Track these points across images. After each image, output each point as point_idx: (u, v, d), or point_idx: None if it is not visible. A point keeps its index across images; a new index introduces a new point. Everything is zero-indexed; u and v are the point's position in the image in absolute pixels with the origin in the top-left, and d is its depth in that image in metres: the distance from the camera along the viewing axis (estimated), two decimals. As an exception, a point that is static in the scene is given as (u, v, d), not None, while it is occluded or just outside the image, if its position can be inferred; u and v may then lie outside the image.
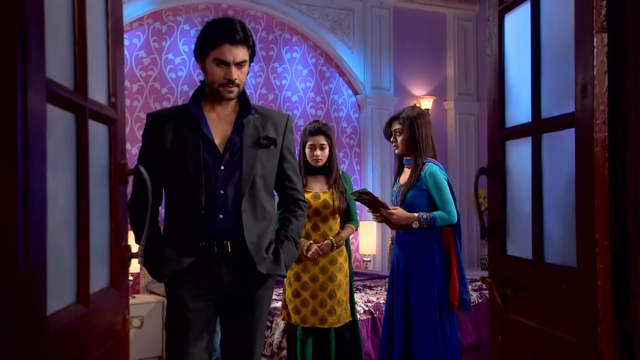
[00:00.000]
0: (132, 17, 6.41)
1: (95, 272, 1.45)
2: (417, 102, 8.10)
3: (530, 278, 2.01)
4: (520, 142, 2.05)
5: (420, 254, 3.92)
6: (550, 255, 1.91)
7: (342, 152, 7.65)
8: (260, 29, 7.23)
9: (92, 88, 1.41)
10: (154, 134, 2.73)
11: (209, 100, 2.77)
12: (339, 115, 7.68)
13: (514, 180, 2.12)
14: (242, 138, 2.74)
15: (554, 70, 1.90)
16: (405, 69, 8.07)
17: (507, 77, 2.17)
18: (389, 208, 3.95)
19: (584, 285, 1.69)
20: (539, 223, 1.93)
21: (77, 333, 1.27)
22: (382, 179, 7.71)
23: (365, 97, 7.66)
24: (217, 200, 2.68)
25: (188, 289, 2.71)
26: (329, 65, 7.62)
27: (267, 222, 2.79)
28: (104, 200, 1.51)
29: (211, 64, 2.70)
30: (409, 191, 3.97)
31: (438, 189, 3.91)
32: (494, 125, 2.19)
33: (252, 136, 2.76)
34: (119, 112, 1.57)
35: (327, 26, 7.46)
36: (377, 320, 4.89)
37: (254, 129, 2.78)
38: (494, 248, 2.22)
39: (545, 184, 1.92)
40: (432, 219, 3.87)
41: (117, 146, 1.56)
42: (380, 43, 7.80)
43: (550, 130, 1.88)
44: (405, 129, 4.06)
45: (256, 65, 7.18)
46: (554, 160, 1.89)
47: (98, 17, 1.50)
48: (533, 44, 1.97)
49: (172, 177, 2.72)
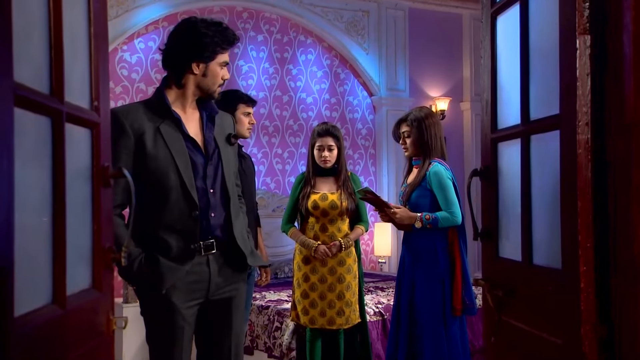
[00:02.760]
0: (148, 20, 6.48)
1: (76, 273, 1.47)
2: (432, 104, 8.09)
3: (520, 280, 2.00)
4: (511, 144, 2.04)
5: (424, 255, 3.89)
6: (539, 257, 1.90)
7: (357, 153, 7.65)
8: (274, 31, 7.26)
9: (72, 92, 1.44)
10: (130, 133, 2.59)
11: (179, 100, 2.73)
12: (354, 116, 7.69)
13: (506, 183, 2.12)
14: (214, 137, 2.77)
15: (542, 72, 1.89)
16: (420, 70, 8.06)
17: (499, 79, 2.17)
18: (391, 207, 3.93)
19: (568, 287, 1.68)
20: (528, 225, 1.93)
21: (52, 334, 1.30)
22: (397, 180, 7.69)
23: (380, 99, 7.66)
24: (209, 200, 2.69)
25: (182, 295, 2.64)
26: (343, 66, 7.63)
27: (243, 217, 2.87)
28: (85, 203, 1.54)
29: (216, 66, 2.70)
30: (414, 191, 3.94)
31: (442, 188, 3.86)
32: (487, 128, 2.19)
33: (221, 134, 2.80)
34: (102, 115, 1.60)
35: (341, 28, 7.48)
36: (387, 321, 4.88)
37: (219, 127, 2.81)
38: (487, 250, 2.21)
39: (534, 186, 1.92)
40: (435, 219, 3.83)
41: (100, 149, 1.58)
42: (395, 44, 7.79)
43: (538, 132, 1.88)
44: (414, 130, 4.01)
45: (271, 68, 7.21)
46: (542, 162, 1.88)
47: (79, 22, 1.52)
48: (522, 45, 1.96)
49: (155, 181, 2.61)
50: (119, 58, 6.48)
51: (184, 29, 2.71)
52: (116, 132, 2.52)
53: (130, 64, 6.52)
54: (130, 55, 6.53)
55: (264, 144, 7.19)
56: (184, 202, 2.62)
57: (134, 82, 6.50)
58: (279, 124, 7.27)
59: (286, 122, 7.28)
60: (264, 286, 5.30)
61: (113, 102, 6.36)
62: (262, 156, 7.17)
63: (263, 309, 5.19)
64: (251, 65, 7.12)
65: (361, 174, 7.67)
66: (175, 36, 2.72)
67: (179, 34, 2.72)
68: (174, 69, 2.72)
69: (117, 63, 6.47)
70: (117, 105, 6.28)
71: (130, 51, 6.54)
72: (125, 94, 6.47)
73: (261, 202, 6.83)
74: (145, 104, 2.72)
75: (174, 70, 2.72)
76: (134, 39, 6.54)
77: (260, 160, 7.15)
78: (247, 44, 7.10)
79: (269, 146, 7.21)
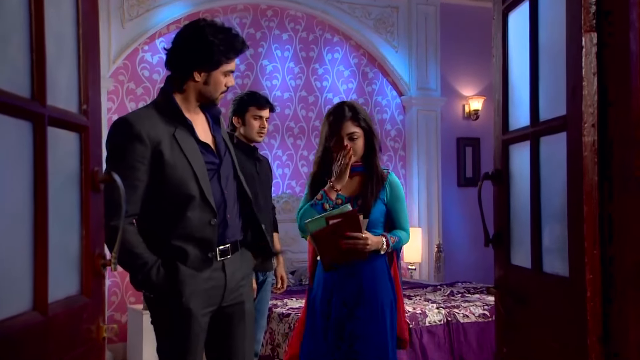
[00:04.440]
0: (169, 19, 6.54)
1: (62, 279, 1.50)
2: (465, 103, 8.05)
3: (531, 289, 1.99)
4: (522, 146, 2.03)
5: (376, 287, 3.31)
6: (549, 264, 1.89)
7: (386, 155, 7.64)
8: (300, 29, 7.28)
9: (57, 96, 1.47)
10: (147, 142, 2.59)
11: (184, 104, 2.75)
12: (383, 117, 7.68)
13: (517, 187, 2.11)
14: (223, 137, 2.86)
15: (551, 71, 1.88)
16: (453, 68, 8.01)
17: (510, 78, 2.16)
18: (361, 231, 3.22)
19: (575, 296, 1.67)
20: (538, 231, 1.91)
21: (32, 340, 1.33)
22: (428, 183, 7.67)
23: (411, 98, 7.64)
24: (225, 201, 2.74)
25: (200, 302, 2.66)
26: (372, 65, 7.63)
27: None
28: (73, 208, 1.57)
29: (219, 75, 2.72)
30: (373, 205, 3.34)
31: (402, 202, 3.43)
32: (498, 129, 2.18)
33: (225, 134, 2.90)
34: (91, 119, 1.63)
35: (369, 25, 7.47)
36: (413, 331, 4.87)
37: (223, 127, 2.93)
38: (498, 257, 2.21)
39: (544, 190, 1.91)
40: (398, 241, 3.34)
41: (90, 153, 1.61)
42: (426, 41, 7.76)
43: (546, 134, 1.87)
44: (366, 131, 3.38)
45: (296, 67, 7.24)
46: (551, 165, 1.87)
47: (66, 23, 1.56)
48: (531, 42, 1.95)
49: (174, 190, 2.64)
50: (140, 58, 6.57)
51: (189, 34, 2.73)
52: (131, 141, 2.57)
53: (151, 65, 6.61)
54: (152, 56, 6.62)
55: (289, 146, 7.22)
56: (202, 211, 2.65)
57: (155, 83, 6.58)
58: (304, 126, 7.29)
59: (312, 123, 7.30)
60: (286, 293, 5.33)
61: (134, 104, 6.46)
62: (287, 158, 7.21)
63: (284, 317, 5.21)
64: (276, 64, 7.16)
65: (390, 177, 7.65)
66: (179, 40, 2.74)
67: (183, 39, 2.73)
68: (176, 73, 2.75)
69: (138, 63, 6.56)
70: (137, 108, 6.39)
71: (152, 51, 6.62)
72: (147, 95, 6.54)
73: (285, 206, 6.87)
74: (157, 108, 2.71)
75: (176, 75, 2.75)
76: (156, 39, 6.62)
77: (285, 163, 7.19)
78: (271, 42, 7.14)
79: (294, 148, 7.24)
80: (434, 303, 5.44)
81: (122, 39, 6.33)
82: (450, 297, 5.82)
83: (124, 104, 6.46)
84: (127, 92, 6.51)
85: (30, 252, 1.35)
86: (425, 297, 5.78)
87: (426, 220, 7.64)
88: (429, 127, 7.73)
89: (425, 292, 6.13)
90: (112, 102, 6.41)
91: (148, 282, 2.61)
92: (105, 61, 6.22)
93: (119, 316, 6.33)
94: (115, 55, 6.31)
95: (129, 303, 6.28)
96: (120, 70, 6.45)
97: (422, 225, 7.60)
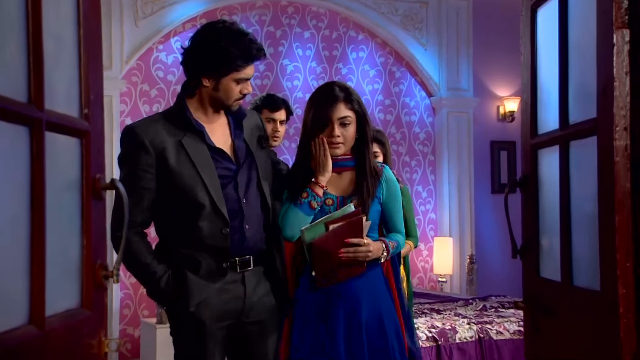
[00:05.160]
0: (184, 17, 6.59)
1: (61, 292, 1.53)
2: (500, 104, 8.00)
3: (561, 303, 1.98)
4: (551, 150, 2.03)
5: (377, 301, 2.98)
6: (579, 277, 1.88)
7: (414, 160, 7.62)
8: (322, 27, 7.30)
9: (56, 100, 1.50)
10: (151, 150, 2.67)
11: (200, 109, 2.79)
12: (411, 119, 7.67)
13: (546, 194, 2.10)
14: (246, 141, 2.85)
15: (581, 70, 1.87)
16: (486, 67, 7.98)
17: (540, 77, 2.15)
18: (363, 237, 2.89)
19: (607, 311, 1.66)
20: (567, 241, 1.91)
21: (26, 357, 1.35)
22: (459, 190, 7.63)
23: (441, 99, 7.62)
24: (242, 210, 2.76)
25: (214, 314, 2.70)
26: (399, 64, 7.62)
27: None
28: (73, 216, 1.59)
29: (230, 82, 2.73)
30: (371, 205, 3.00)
31: (399, 201, 3.11)
32: (526, 132, 2.17)
33: (252, 137, 2.88)
34: (93, 123, 1.65)
35: (396, 21, 7.47)
36: (442, 348, 4.86)
37: (248, 130, 2.88)
38: (527, 269, 2.20)
39: (574, 198, 1.90)
40: (397, 246, 3.04)
41: (91, 159, 1.64)
42: (457, 38, 7.73)
43: (576, 138, 1.86)
44: (359, 115, 2.98)
45: (318, 67, 7.26)
46: (581, 171, 1.86)
47: (66, 24, 1.58)
48: (561, 40, 1.95)
49: (182, 199, 2.69)
50: (154, 58, 6.62)
51: (201, 37, 2.75)
52: (136, 150, 2.67)
53: (166, 65, 6.65)
54: (167, 56, 6.66)
55: (311, 150, 7.23)
56: (213, 219, 2.69)
57: (170, 85, 6.63)
58: (327, 128, 7.30)
59: (335, 126, 7.30)
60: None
61: (148, 107, 6.51)
62: (309, 163, 7.21)
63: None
64: (297, 64, 7.18)
65: (419, 184, 7.63)
66: (192, 42, 2.77)
67: (196, 41, 2.76)
68: (187, 77, 2.81)
69: (152, 64, 6.61)
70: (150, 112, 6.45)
71: (167, 51, 6.67)
72: (161, 97, 6.59)
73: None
74: (166, 115, 2.80)
75: (188, 79, 2.80)
76: (170, 38, 6.67)
77: (308, 168, 7.19)
78: (292, 41, 7.17)
79: (316, 152, 7.24)
80: (465, 318, 5.41)
81: (135, 38, 6.39)
82: (483, 312, 5.78)
83: (137, 106, 6.51)
84: (141, 94, 6.56)
85: (26, 263, 1.38)
86: (456, 312, 5.75)
87: (458, 229, 7.60)
88: (461, 130, 7.70)
89: (456, 306, 6.10)
90: (125, 104, 6.46)
91: (157, 291, 2.70)
92: (118, 62, 6.29)
93: (132, 330, 6.38)
94: (128, 55, 6.36)
95: (142, 317, 6.33)
96: (133, 71, 6.51)
97: (454, 234, 7.57)
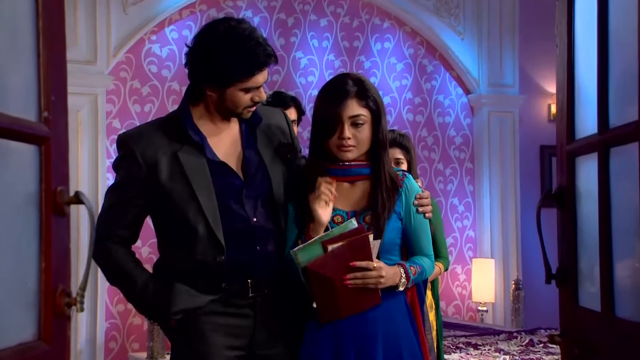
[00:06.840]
0: (181, 3, 6.58)
1: (13, 322, 1.54)
2: (552, 102, 7.98)
3: (600, 336, 1.98)
4: (590, 158, 2.03)
5: (397, 339, 2.90)
6: (623, 307, 1.88)
7: (449, 168, 7.62)
8: (341, 14, 7.32)
9: (8, 101, 1.52)
10: (141, 163, 2.73)
11: (206, 116, 2.83)
12: (445, 120, 7.66)
13: (585, 209, 2.10)
14: (259, 152, 2.86)
15: (624, 67, 1.87)
16: (534, 60, 7.97)
17: (577, 74, 2.16)
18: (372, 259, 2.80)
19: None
20: (608, 265, 1.90)
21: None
22: (502, 204, 7.61)
23: (480, 97, 7.62)
24: (252, 231, 2.79)
25: (220, 337, 2.76)
26: (431, 57, 7.63)
27: None
28: (29, 235, 1.61)
29: (236, 92, 2.73)
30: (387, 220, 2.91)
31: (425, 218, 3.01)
32: (562, 137, 2.17)
33: (268, 147, 2.89)
34: (54, 128, 1.67)
35: (429, 7, 7.48)
36: (478, 388, 4.84)
37: (264, 137, 2.90)
38: (564, 297, 2.20)
39: (615, 214, 1.89)
40: (421, 272, 2.95)
41: (51, 169, 1.66)
42: (500, 26, 7.73)
43: (616, 144, 1.86)
44: (374, 116, 2.89)
45: (337, 60, 7.28)
46: (623, 182, 1.86)
47: (22, 16, 1.61)
48: (600, 31, 1.95)
49: (173, 219, 2.77)
50: (146, 51, 6.63)
51: (201, 44, 2.77)
52: (126, 161, 2.76)
53: (160, 59, 6.68)
54: (161, 48, 6.68)
55: (329, 156, 7.24)
56: (206, 245, 2.74)
57: (164, 81, 6.65)
58: (347, 131, 7.31)
59: (357, 128, 7.31)
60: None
61: (139, 106, 6.54)
62: (326, 171, 7.22)
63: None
64: (312, 57, 7.20)
65: (454, 196, 7.62)
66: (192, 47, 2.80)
67: (195, 48, 2.78)
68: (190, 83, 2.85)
69: (143, 57, 6.63)
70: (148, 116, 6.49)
71: (161, 42, 6.68)
72: (154, 96, 6.60)
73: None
74: (164, 123, 2.85)
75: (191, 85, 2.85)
76: (165, 27, 6.67)
77: (326, 175, 7.20)
78: (306, 31, 7.19)
79: (335, 158, 7.26)
80: (507, 354, 5.40)
81: (124, 28, 6.41)
82: (529, 348, 5.75)
83: (126, 106, 6.51)
84: (131, 92, 6.57)
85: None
86: (497, 347, 5.72)
87: (500, 250, 7.58)
88: (504, 133, 7.69)
89: (497, 340, 6.07)
90: (113, 104, 6.47)
91: (142, 301, 2.80)
92: (104, 55, 6.32)
93: (119, 367, 6.42)
94: (115, 47, 6.39)
95: (132, 350, 6.36)
96: (121, 65, 6.53)
97: (496, 256, 7.54)
